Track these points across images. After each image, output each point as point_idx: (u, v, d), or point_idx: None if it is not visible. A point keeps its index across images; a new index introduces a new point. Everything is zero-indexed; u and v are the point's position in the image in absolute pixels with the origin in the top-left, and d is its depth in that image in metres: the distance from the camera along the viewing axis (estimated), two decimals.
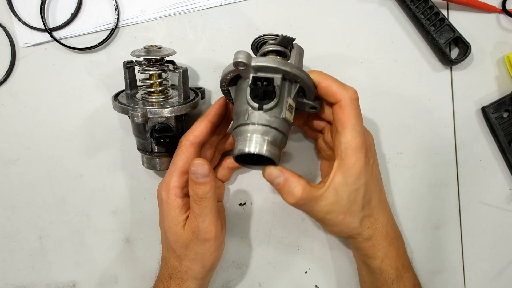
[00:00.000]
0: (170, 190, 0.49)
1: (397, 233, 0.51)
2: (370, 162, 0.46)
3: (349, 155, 0.44)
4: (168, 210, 0.49)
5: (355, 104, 0.45)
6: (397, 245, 0.50)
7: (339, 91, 0.44)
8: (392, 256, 0.49)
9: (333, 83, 0.45)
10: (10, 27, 0.57)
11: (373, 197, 0.48)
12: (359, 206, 0.46)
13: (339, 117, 0.45)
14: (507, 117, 0.55)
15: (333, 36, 0.56)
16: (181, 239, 0.48)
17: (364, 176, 0.45)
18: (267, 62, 0.42)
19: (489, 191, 0.58)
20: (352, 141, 0.44)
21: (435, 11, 0.53)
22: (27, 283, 0.62)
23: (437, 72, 0.56)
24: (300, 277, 0.61)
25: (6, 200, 0.61)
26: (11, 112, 0.58)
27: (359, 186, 0.45)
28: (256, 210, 0.60)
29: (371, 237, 0.48)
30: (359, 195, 0.46)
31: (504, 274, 0.60)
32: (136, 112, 0.47)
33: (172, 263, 0.50)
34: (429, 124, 0.57)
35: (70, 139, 0.59)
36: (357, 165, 0.44)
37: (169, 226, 0.49)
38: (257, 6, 0.56)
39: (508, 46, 0.55)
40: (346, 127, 0.44)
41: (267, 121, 0.42)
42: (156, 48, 0.49)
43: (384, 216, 0.49)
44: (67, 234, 0.61)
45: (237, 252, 0.61)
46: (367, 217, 0.48)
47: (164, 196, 0.49)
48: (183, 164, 0.48)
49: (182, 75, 0.49)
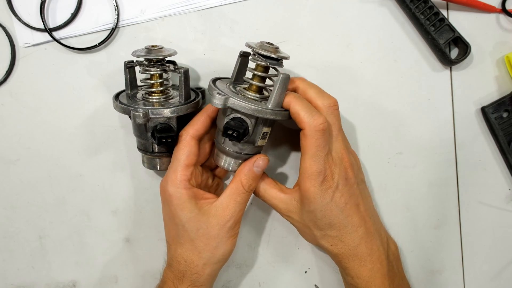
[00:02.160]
0: (179, 183, 0.49)
1: (376, 255, 0.49)
2: (328, 192, 0.47)
3: (303, 181, 0.47)
4: (182, 203, 0.49)
5: (317, 135, 0.45)
6: (372, 267, 0.49)
7: (305, 120, 0.45)
8: (363, 277, 0.49)
9: (302, 110, 0.45)
10: (10, 27, 0.57)
11: (336, 222, 0.48)
12: (315, 226, 0.49)
13: (301, 143, 0.47)
14: (507, 117, 0.55)
15: (333, 36, 0.56)
16: (205, 226, 0.49)
17: (319, 203, 0.47)
18: (243, 109, 0.45)
19: (488, 191, 0.58)
20: (307, 169, 0.46)
21: (435, 11, 0.53)
22: (27, 283, 0.62)
23: (437, 72, 0.56)
24: (300, 277, 0.61)
25: (6, 200, 0.61)
26: (11, 112, 0.58)
27: (312, 209, 0.48)
28: (256, 210, 0.60)
29: (337, 254, 0.50)
30: (315, 217, 0.48)
31: (504, 274, 0.60)
32: (138, 113, 0.47)
33: (188, 257, 0.50)
34: (429, 124, 0.57)
35: (70, 139, 0.59)
36: (311, 191, 0.46)
37: (187, 218, 0.49)
38: (257, 6, 0.56)
39: (508, 46, 0.55)
40: (305, 153, 0.46)
41: (239, 149, 0.49)
42: (157, 48, 0.49)
43: (352, 239, 0.49)
44: (67, 234, 0.61)
45: (237, 252, 0.61)
46: (327, 236, 0.49)
47: (172, 191, 0.49)
48: (185, 158, 0.49)
49: (184, 76, 0.49)
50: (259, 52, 0.46)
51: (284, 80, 0.46)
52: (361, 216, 0.49)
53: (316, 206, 0.47)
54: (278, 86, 0.46)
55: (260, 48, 0.47)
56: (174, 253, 0.51)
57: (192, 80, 0.57)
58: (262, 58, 0.47)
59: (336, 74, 0.56)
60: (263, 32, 0.56)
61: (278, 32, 0.56)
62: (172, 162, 0.50)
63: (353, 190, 0.49)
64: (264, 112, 0.45)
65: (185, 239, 0.50)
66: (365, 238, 0.49)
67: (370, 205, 0.53)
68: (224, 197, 0.50)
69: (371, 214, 0.51)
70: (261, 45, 0.47)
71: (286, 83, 0.46)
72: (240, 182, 0.49)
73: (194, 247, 0.49)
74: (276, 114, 0.46)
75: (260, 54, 0.46)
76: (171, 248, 0.52)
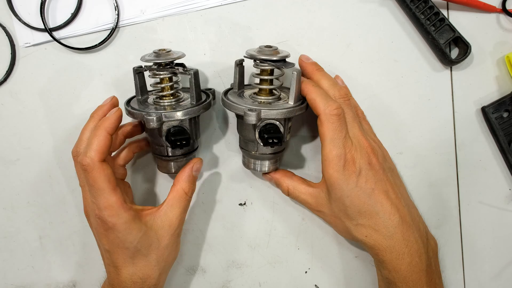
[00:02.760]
0: (118, 209, 0.46)
1: (414, 248, 0.48)
2: (352, 176, 0.47)
3: (326, 168, 0.47)
4: (129, 227, 0.47)
5: (333, 119, 0.46)
6: (410, 261, 0.47)
7: (320, 106, 0.47)
8: (401, 271, 0.48)
9: (317, 96, 0.47)
10: (10, 27, 0.57)
11: (365, 209, 0.47)
12: (345, 215, 0.49)
13: (319, 130, 0.47)
14: (507, 117, 0.55)
15: (333, 36, 0.56)
16: (156, 240, 0.49)
17: (344, 188, 0.47)
18: (275, 115, 0.47)
19: (489, 191, 0.58)
20: (328, 154, 0.47)
21: (435, 11, 0.53)
22: (27, 283, 0.63)
23: (437, 72, 0.56)
24: (300, 277, 0.61)
25: (6, 200, 0.61)
26: (11, 112, 0.58)
27: (339, 196, 0.48)
28: (256, 210, 0.60)
29: (373, 246, 0.48)
30: (343, 205, 0.48)
31: (504, 274, 0.60)
32: (151, 117, 0.46)
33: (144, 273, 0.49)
34: (429, 124, 0.57)
35: (70, 139, 0.59)
36: (334, 177, 0.47)
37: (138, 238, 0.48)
38: (257, 6, 0.55)
39: (508, 46, 0.55)
40: (324, 140, 0.47)
41: (274, 150, 0.52)
42: (165, 51, 0.49)
43: (387, 228, 0.48)
44: (67, 234, 0.61)
45: (237, 252, 0.61)
46: (361, 226, 0.48)
47: (115, 220, 0.46)
48: (108, 183, 0.46)
49: (194, 77, 0.49)
50: (263, 58, 0.47)
51: (299, 75, 0.47)
52: (392, 203, 0.48)
53: (342, 193, 0.47)
54: (296, 83, 0.48)
55: (262, 53, 0.47)
56: (127, 275, 0.49)
57: None
58: (268, 63, 0.48)
59: (336, 74, 0.56)
60: (263, 32, 0.56)
61: (278, 32, 0.56)
62: (95, 191, 0.46)
63: (379, 175, 0.48)
64: (293, 112, 0.48)
65: (139, 258, 0.49)
66: (400, 227, 0.48)
67: (403, 194, 0.52)
68: (168, 207, 0.50)
69: (405, 203, 0.50)
70: (261, 50, 0.48)
71: (300, 77, 0.48)
72: (182, 189, 0.51)
73: (149, 262, 0.49)
74: (301, 109, 0.49)
75: (265, 60, 0.47)
76: (121, 273, 0.49)
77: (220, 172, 0.60)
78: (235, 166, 0.59)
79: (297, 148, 0.59)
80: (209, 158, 0.59)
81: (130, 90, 0.56)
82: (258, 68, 0.49)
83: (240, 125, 0.51)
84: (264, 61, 0.48)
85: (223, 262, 0.61)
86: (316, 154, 0.58)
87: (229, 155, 0.59)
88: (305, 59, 0.53)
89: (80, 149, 0.48)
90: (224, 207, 0.60)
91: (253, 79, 0.55)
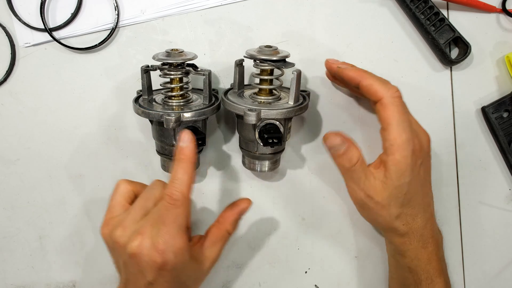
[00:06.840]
0: (184, 250, 0.44)
1: (435, 238, 0.50)
2: (417, 162, 0.46)
3: (394, 152, 0.44)
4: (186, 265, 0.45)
5: (397, 101, 0.45)
6: (432, 249, 0.49)
7: (380, 89, 0.45)
8: (423, 259, 0.49)
9: (375, 81, 0.45)
10: (10, 27, 0.57)
11: (415, 198, 0.47)
12: (398, 203, 0.46)
13: (382, 115, 0.45)
14: (507, 117, 0.55)
15: (333, 36, 0.56)
16: (200, 273, 0.49)
17: (409, 175, 0.45)
18: (275, 115, 0.47)
19: (489, 191, 0.58)
20: (397, 138, 0.44)
21: (435, 11, 0.53)
22: (27, 283, 0.62)
23: (437, 72, 0.56)
24: (300, 277, 0.61)
25: (6, 200, 0.61)
26: (11, 112, 0.58)
27: (402, 183, 0.45)
28: (256, 210, 0.60)
29: (404, 234, 0.48)
30: (400, 192, 0.46)
31: (504, 274, 0.60)
32: (171, 117, 0.46)
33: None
34: (429, 124, 0.57)
35: (70, 139, 0.59)
36: (403, 163, 0.45)
37: (188, 275, 0.47)
38: (257, 6, 0.55)
39: (508, 46, 0.55)
40: (390, 124, 0.44)
41: (274, 150, 0.51)
42: (177, 52, 0.49)
43: (422, 219, 0.48)
44: (67, 234, 0.61)
45: (237, 252, 0.61)
46: (404, 215, 0.47)
47: (178, 259, 0.44)
48: (185, 221, 0.44)
49: (208, 78, 0.49)
50: (263, 58, 0.47)
51: (298, 75, 0.47)
52: (431, 196, 0.49)
53: (406, 179, 0.45)
54: (296, 83, 0.47)
55: (262, 53, 0.47)
56: None
57: (192, 81, 0.57)
58: (268, 63, 0.48)
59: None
60: (263, 32, 0.56)
61: (278, 32, 0.56)
62: (171, 229, 0.43)
63: (430, 167, 0.49)
64: (293, 112, 0.47)
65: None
66: (431, 219, 0.49)
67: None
68: (211, 243, 0.50)
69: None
70: (261, 50, 0.48)
71: (300, 77, 0.48)
72: (226, 230, 0.51)
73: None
74: (301, 109, 0.48)
75: (265, 60, 0.47)
76: None
77: (220, 172, 0.60)
78: (235, 166, 0.59)
79: (297, 148, 0.59)
80: (209, 158, 0.59)
81: (130, 90, 0.56)
82: (258, 68, 0.49)
83: (240, 125, 0.51)
84: (264, 61, 0.48)
85: (223, 262, 0.61)
86: (316, 154, 0.58)
87: (229, 155, 0.59)
88: (335, 62, 0.50)
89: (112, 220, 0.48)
90: (224, 207, 0.60)
91: (253, 79, 0.55)
